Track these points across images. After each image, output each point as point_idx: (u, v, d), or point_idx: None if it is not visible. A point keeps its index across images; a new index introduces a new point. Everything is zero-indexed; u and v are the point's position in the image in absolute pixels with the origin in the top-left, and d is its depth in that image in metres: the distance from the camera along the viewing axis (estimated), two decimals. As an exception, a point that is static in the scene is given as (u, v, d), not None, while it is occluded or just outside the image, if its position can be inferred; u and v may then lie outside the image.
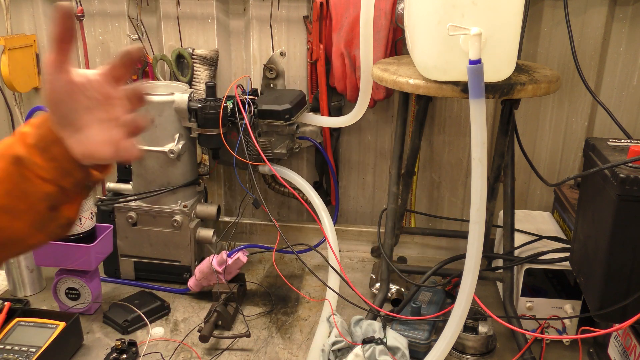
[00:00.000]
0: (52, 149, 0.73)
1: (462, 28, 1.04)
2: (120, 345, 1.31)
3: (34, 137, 0.72)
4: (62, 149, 0.73)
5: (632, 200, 1.01)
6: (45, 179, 0.72)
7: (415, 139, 1.49)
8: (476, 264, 1.11)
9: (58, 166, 0.73)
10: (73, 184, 0.75)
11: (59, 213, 0.75)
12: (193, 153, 1.65)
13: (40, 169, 0.72)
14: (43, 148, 0.72)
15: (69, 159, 0.73)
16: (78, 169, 0.74)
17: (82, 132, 0.73)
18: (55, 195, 0.74)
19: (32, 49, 1.87)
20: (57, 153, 0.73)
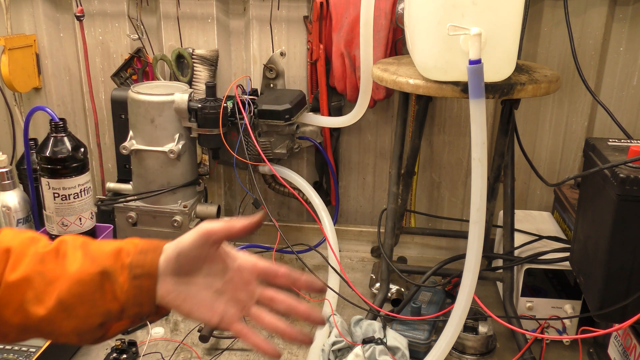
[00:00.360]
0: (144, 279, 0.74)
1: (462, 28, 1.04)
2: (120, 345, 1.31)
3: (132, 259, 0.74)
4: (153, 284, 0.75)
5: (632, 200, 1.01)
6: (117, 298, 0.74)
7: (415, 139, 1.49)
8: (476, 264, 1.11)
9: (137, 295, 0.75)
10: (135, 314, 0.76)
11: (102, 328, 0.76)
12: (193, 153, 1.65)
13: (120, 289, 0.73)
14: (136, 274, 0.74)
15: (151, 295, 0.75)
16: (150, 305, 0.75)
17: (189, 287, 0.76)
18: (113, 315, 0.75)
19: (32, 49, 1.87)
20: (146, 285, 0.74)
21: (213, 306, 0.77)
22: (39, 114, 1.82)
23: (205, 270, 0.77)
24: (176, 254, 0.75)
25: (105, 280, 0.73)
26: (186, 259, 0.75)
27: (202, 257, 0.76)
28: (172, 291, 0.75)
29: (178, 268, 0.75)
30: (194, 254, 0.75)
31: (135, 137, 1.57)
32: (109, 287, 0.73)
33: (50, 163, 1.42)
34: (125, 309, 0.74)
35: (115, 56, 1.87)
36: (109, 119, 1.88)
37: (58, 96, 1.96)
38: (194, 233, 0.75)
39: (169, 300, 0.76)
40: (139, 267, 0.74)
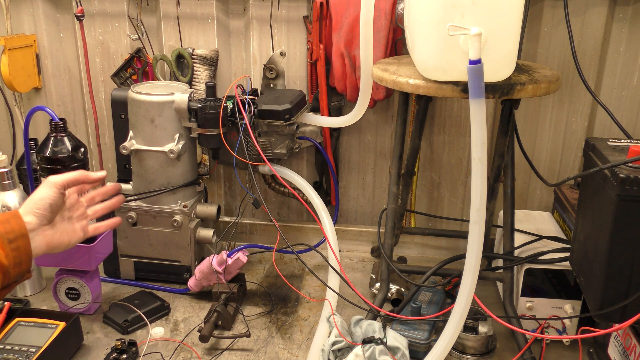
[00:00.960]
0: (19, 240, 0.95)
1: (462, 28, 1.04)
2: (120, 345, 1.31)
3: (1, 229, 0.93)
4: (27, 242, 0.97)
5: (632, 200, 1.01)
6: (1, 264, 0.91)
7: (415, 139, 1.49)
8: (476, 264, 1.11)
9: (17, 256, 0.94)
10: (17, 274, 0.96)
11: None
12: (193, 153, 1.65)
13: (1, 255, 0.91)
14: (10, 239, 0.93)
15: (28, 252, 0.97)
16: (28, 261, 0.98)
17: (55, 227, 1.07)
18: None
19: (32, 49, 1.87)
20: (22, 245, 0.96)
21: (73, 228, 1.11)
22: (39, 114, 1.82)
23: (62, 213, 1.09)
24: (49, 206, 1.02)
25: None
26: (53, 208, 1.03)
27: (61, 202, 1.06)
28: (42, 239, 1.02)
29: (50, 218, 1.03)
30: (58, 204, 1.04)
31: (135, 137, 1.57)
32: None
33: (50, 163, 1.41)
34: (8, 272, 0.92)
35: (115, 56, 1.87)
36: (109, 119, 1.88)
37: (58, 96, 1.96)
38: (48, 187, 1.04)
39: (43, 248, 1.02)
40: (10, 233, 0.94)
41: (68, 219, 1.11)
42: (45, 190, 1.03)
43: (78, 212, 1.14)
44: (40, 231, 1.01)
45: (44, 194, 1.02)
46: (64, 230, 1.08)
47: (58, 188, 1.04)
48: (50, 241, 1.04)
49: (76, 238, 1.12)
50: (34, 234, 1.00)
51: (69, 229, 1.10)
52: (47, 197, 1.02)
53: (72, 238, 1.11)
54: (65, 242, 1.09)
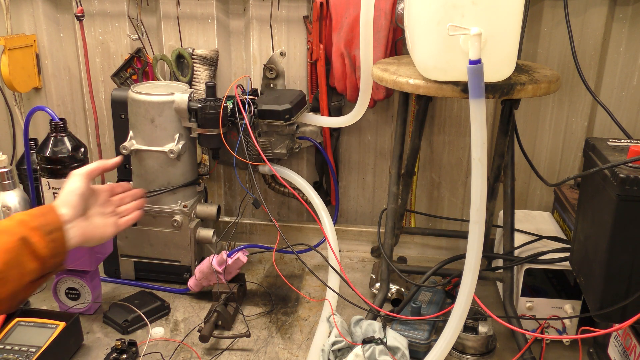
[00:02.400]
0: (56, 232, 0.99)
1: (462, 28, 1.04)
2: (120, 345, 1.31)
3: (38, 222, 0.96)
4: (63, 234, 1.01)
5: (632, 200, 1.01)
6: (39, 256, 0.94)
7: (415, 139, 1.49)
8: (476, 264, 1.11)
9: (55, 247, 0.97)
10: (54, 264, 0.99)
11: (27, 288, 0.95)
12: (193, 153, 1.65)
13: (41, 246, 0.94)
14: (48, 231, 0.97)
15: (64, 244, 1.01)
16: (64, 253, 1.02)
17: (89, 220, 1.14)
18: (36, 272, 0.94)
19: (32, 49, 1.87)
20: (59, 237, 0.99)
21: (105, 223, 1.21)
22: (39, 114, 1.82)
23: (91, 203, 1.17)
24: (80, 196, 1.09)
25: (26, 244, 0.92)
26: (83, 198, 1.10)
27: (90, 192, 1.14)
28: (77, 231, 1.07)
29: (82, 209, 1.09)
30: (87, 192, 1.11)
31: (135, 137, 1.57)
32: (29, 249, 0.92)
33: (50, 163, 1.41)
34: (46, 263, 0.95)
35: (115, 56, 1.87)
36: (109, 119, 1.88)
37: (58, 96, 1.96)
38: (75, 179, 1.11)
39: (78, 240, 1.06)
40: (47, 225, 0.97)
41: (101, 215, 1.20)
42: (73, 182, 1.11)
43: (109, 209, 1.25)
44: (75, 223, 1.08)
45: (73, 186, 1.10)
46: (97, 224, 1.17)
47: (84, 178, 1.12)
48: (84, 233, 1.10)
49: (109, 232, 1.21)
50: (70, 226, 1.06)
51: (102, 223, 1.20)
52: (76, 189, 1.10)
53: (106, 232, 1.20)
54: (98, 235, 1.17)
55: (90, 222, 1.15)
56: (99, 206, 1.21)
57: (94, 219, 1.18)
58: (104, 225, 1.21)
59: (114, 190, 1.31)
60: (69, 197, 1.08)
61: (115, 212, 1.28)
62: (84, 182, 1.12)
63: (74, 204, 1.08)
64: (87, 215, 1.15)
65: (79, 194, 1.10)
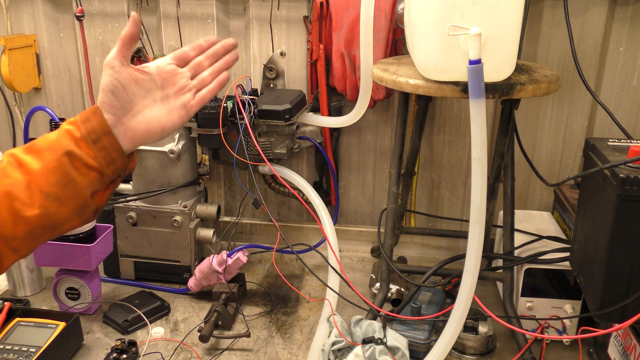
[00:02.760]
0: (102, 139, 0.83)
1: (462, 28, 1.04)
2: (120, 345, 1.31)
3: (83, 131, 0.82)
4: (112, 139, 0.84)
5: (632, 200, 1.01)
6: (92, 167, 0.82)
7: (415, 139, 1.49)
8: (476, 264, 1.11)
9: (106, 155, 0.83)
10: (114, 171, 0.85)
11: (94, 200, 0.84)
12: (193, 153, 1.65)
13: (90, 157, 0.81)
14: (94, 139, 0.82)
15: (117, 148, 0.84)
16: (121, 157, 0.85)
17: (140, 114, 0.87)
18: (97, 183, 0.83)
19: (32, 49, 1.87)
20: (107, 143, 0.83)
21: (169, 109, 0.91)
22: (39, 114, 1.82)
23: (139, 91, 0.88)
24: (111, 93, 0.84)
25: (72, 158, 0.80)
26: (120, 91, 0.85)
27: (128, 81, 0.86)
28: (131, 129, 0.86)
29: (121, 106, 0.86)
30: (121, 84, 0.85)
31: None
32: (79, 162, 0.81)
33: (50, 163, 1.41)
34: (104, 172, 0.83)
35: (115, 56, 1.87)
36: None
37: (58, 96, 1.96)
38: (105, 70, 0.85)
39: (135, 140, 0.87)
40: (92, 133, 0.82)
41: (162, 99, 0.90)
42: (103, 76, 0.86)
43: (176, 87, 0.92)
44: (120, 124, 0.86)
45: (103, 81, 0.86)
46: (152, 116, 0.89)
47: (111, 68, 0.85)
48: (133, 134, 0.87)
49: (174, 120, 0.91)
50: (116, 129, 0.85)
51: (162, 112, 0.90)
52: (105, 85, 0.85)
53: (168, 122, 0.90)
54: (158, 128, 0.89)
55: (141, 117, 0.88)
56: (158, 88, 0.90)
57: (149, 110, 0.89)
58: (166, 114, 0.90)
59: (184, 57, 0.94)
60: (102, 98, 0.85)
61: (186, 88, 0.93)
62: (111, 73, 0.85)
63: (109, 104, 0.85)
64: (137, 109, 0.87)
65: (110, 90, 0.85)
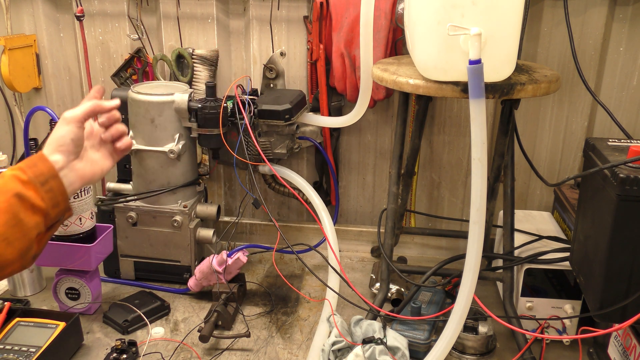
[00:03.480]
0: (50, 182, 0.92)
1: (462, 28, 1.04)
2: (120, 345, 1.31)
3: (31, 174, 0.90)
4: (59, 182, 0.94)
5: (632, 200, 1.01)
6: (39, 208, 0.89)
7: (415, 139, 1.49)
8: (476, 264, 1.11)
9: (53, 197, 0.91)
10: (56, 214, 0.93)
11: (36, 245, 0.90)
12: (193, 153, 1.65)
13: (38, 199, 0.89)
14: (42, 182, 0.90)
15: (62, 192, 0.94)
16: (65, 201, 0.95)
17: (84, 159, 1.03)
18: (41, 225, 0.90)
19: (32, 49, 1.87)
20: (54, 186, 0.92)
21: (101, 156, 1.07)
22: (39, 114, 1.82)
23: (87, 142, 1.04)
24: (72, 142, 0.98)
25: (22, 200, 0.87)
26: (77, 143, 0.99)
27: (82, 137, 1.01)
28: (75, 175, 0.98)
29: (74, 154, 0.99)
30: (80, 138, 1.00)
31: (135, 137, 1.57)
32: (28, 203, 0.88)
33: (50, 163, 1.41)
34: (48, 214, 0.91)
35: (115, 56, 1.87)
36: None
37: (58, 96, 1.96)
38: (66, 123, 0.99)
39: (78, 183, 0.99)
40: (40, 176, 0.91)
41: (91, 148, 1.07)
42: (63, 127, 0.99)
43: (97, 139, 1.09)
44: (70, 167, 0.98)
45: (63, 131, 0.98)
46: (93, 161, 1.05)
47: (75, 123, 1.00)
48: (83, 175, 1.01)
49: (108, 163, 1.08)
50: (65, 172, 0.97)
51: (97, 157, 1.06)
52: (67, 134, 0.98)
53: (104, 165, 1.07)
54: (98, 171, 1.05)
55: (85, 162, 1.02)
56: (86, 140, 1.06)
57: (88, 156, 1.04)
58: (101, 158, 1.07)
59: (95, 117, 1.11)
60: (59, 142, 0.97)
61: (103, 141, 1.09)
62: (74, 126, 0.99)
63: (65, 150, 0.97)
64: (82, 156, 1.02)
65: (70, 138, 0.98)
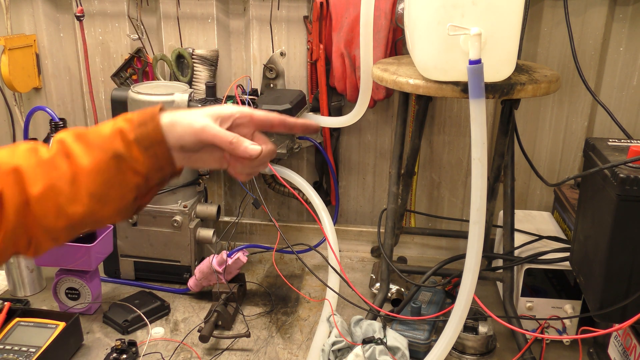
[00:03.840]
0: (155, 147, 0.79)
1: (462, 28, 1.04)
2: (120, 345, 1.31)
3: (136, 134, 0.79)
4: (164, 149, 0.80)
5: (632, 200, 1.01)
6: (139, 172, 0.80)
7: (415, 139, 1.49)
8: (476, 264, 1.11)
9: (156, 162, 0.80)
10: (160, 178, 0.83)
11: (136, 203, 0.82)
12: (193, 153, 1.65)
13: (138, 163, 0.79)
14: (146, 146, 0.79)
15: (167, 158, 0.80)
16: (169, 165, 0.82)
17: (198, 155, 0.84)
18: (142, 187, 0.81)
19: (32, 49, 1.87)
20: (159, 151, 0.80)
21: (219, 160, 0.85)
22: (39, 114, 1.82)
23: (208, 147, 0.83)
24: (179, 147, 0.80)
25: (121, 162, 0.78)
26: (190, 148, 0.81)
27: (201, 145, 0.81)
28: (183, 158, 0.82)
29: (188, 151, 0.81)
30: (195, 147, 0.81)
31: (135, 137, 1.57)
32: (127, 166, 0.78)
33: (50, 163, 1.41)
34: (149, 178, 0.80)
35: (115, 56, 1.87)
36: (109, 119, 1.88)
37: (58, 96, 1.96)
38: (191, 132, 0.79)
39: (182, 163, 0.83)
40: (145, 140, 0.79)
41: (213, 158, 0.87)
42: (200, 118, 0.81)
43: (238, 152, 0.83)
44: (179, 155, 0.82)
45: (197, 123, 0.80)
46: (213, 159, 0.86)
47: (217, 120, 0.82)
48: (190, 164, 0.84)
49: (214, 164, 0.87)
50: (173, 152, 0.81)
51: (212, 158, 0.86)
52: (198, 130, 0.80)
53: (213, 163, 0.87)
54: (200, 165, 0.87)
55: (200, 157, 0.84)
56: None
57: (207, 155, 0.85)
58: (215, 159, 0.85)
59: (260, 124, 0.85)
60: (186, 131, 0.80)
61: None
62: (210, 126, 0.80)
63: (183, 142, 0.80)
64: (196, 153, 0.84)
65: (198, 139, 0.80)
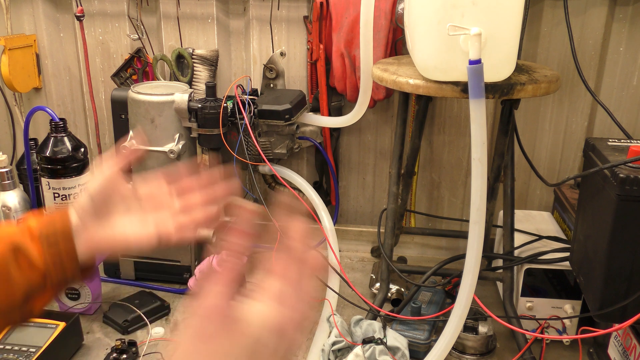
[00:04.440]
0: (60, 244, 0.75)
1: (462, 28, 1.04)
2: (120, 345, 1.31)
3: (41, 230, 0.75)
4: (71, 244, 0.75)
5: (632, 200, 1.01)
6: (37, 268, 0.74)
7: (415, 139, 1.49)
8: (476, 264, 1.11)
9: (57, 259, 0.75)
10: (59, 280, 0.76)
11: (28, 304, 0.75)
12: (193, 153, 1.65)
13: (37, 258, 0.74)
14: (50, 242, 0.74)
15: (72, 256, 0.75)
16: (73, 266, 0.76)
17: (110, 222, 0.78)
18: (35, 287, 0.75)
19: (32, 49, 1.87)
20: (64, 247, 0.75)
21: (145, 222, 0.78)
22: (39, 114, 1.82)
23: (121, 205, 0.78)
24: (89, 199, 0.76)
25: (18, 254, 0.73)
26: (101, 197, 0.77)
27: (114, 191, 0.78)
28: (95, 236, 0.76)
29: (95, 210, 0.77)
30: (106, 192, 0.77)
31: (135, 137, 1.57)
32: (24, 259, 0.73)
33: (50, 163, 1.42)
34: (48, 276, 0.74)
35: (115, 56, 1.87)
36: (109, 119, 1.88)
37: (58, 96, 1.96)
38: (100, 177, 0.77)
39: (95, 247, 0.77)
40: (51, 236, 0.74)
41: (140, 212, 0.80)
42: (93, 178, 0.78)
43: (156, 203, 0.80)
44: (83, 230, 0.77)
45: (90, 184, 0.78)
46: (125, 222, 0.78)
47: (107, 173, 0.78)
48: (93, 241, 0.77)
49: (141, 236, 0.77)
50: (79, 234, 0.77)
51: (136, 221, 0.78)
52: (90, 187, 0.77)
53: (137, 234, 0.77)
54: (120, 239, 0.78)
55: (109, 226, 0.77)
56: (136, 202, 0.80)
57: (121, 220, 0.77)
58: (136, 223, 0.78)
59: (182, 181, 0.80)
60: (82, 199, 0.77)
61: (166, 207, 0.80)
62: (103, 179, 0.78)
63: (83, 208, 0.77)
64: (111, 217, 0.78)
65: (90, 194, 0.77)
